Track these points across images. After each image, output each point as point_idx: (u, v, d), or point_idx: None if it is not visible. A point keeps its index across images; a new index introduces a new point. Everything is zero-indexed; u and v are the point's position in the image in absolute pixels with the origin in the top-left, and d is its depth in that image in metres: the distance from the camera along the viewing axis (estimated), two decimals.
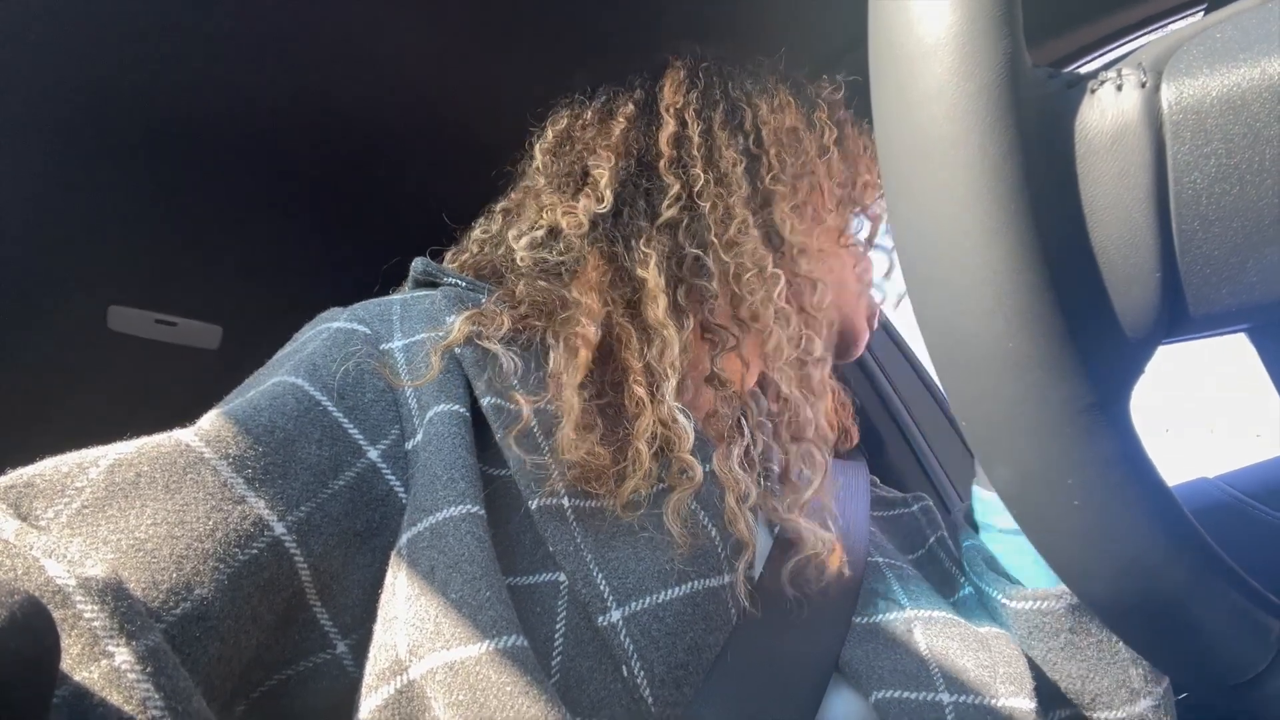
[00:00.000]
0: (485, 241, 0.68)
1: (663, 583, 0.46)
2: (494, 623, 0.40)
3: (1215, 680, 0.29)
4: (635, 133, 0.66)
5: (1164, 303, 0.25)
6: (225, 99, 0.90)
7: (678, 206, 0.62)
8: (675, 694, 0.43)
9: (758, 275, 0.59)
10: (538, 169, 0.69)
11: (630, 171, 0.64)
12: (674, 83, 0.67)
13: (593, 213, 0.62)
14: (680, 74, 0.68)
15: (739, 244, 0.60)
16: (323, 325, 0.54)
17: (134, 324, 1.32)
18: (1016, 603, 0.56)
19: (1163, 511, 0.26)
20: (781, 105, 0.67)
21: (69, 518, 0.37)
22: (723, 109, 0.66)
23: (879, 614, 0.55)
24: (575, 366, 0.52)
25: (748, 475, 0.54)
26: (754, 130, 0.65)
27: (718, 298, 0.59)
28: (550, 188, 0.66)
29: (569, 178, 0.66)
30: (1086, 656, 0.53)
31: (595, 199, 0.63)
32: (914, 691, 0.49)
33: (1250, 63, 0.23)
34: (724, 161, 0.63)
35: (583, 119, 0.69)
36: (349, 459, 0.46)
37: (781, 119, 0.66)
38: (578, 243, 0.61)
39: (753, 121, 0.65)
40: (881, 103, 0.26)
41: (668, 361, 0.55)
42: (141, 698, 0.30)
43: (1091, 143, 0.25)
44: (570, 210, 0.63)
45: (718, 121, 0.65)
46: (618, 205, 0.63)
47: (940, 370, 0.27)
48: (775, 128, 0.66)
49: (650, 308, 0.57)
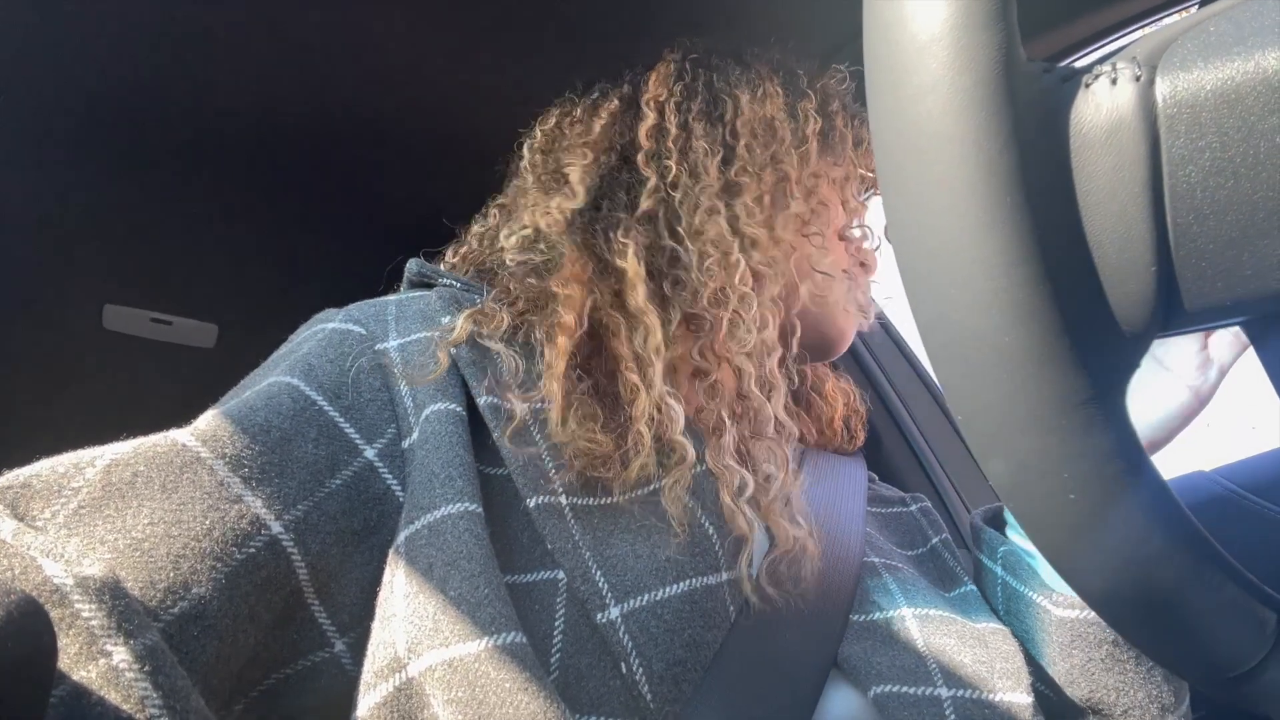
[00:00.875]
0: (483, 236, 0.69)
1: (661, 580, 0.46)
2: (492, 620, 0.40)
3: (1212, 672, 0.29)
4: (619, 127, 0.67)
5: (1159, 296, 0.25)
6: (222, 98, 0.90)
7: (655, 198, 0.62)
8: (674, 691, 0.43)
9: (719, 263, 0.60)
10: (527, 168, 0.70)
11: (611, 165, 0.65)
12: (660, 76, 0.68)
13: (568, 210, 0.63)
14: (669, 67, 0.68)
15: (704, 233, 0.61)
16: (318, 326, 0.54)
17: (129, 323, 1.32)
18: (1061, 610, 0.56)
19: (1159, 505, 0.26)
20: (765, 95, 0.67)
21: (66, 518, 0.37)
22: (703, 100, 0.66)
23: (876, 611, 0.55)
24: (556, 354, 0.52)
25: (741, 468, 0.54)
26: (731, 121, 0.65)
27: (694, 287, 0.60)
28: (536, 187, 0.67)
29: (552, 177, 0.67)
30: (1125, 670, 0.54)
31: (569, 195, 0.64)
32: (912, 686, 0.49)
33: (1244, 56, 0.23)
34: (695, 153, 0.63)
35: (571, 116, 0.70)
36: (345, 458, 0.46)
37: (760, 110, 0.66)
38: (558, 240, 0.62)
39: (732, 112, 0.65)
40: (876, 97, 0.26)
41: (652, 347, 0.55)
42: (139, 696, 0.30)
43: (1086, 137, 0.25)
44: (548, 211, 0.64)
45: (695, 113, 0.65)
46: (596, 199, 0.63)
47: (936, 365, 0.27)
48: (750, 118, 0.65)
49: (631, 296, 0.58)
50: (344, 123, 0.97)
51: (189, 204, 1.10)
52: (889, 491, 0.77)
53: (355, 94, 0.91)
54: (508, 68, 0.87)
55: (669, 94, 0.66)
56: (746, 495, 0.52)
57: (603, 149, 0.66)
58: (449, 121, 0.97)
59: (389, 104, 0.94)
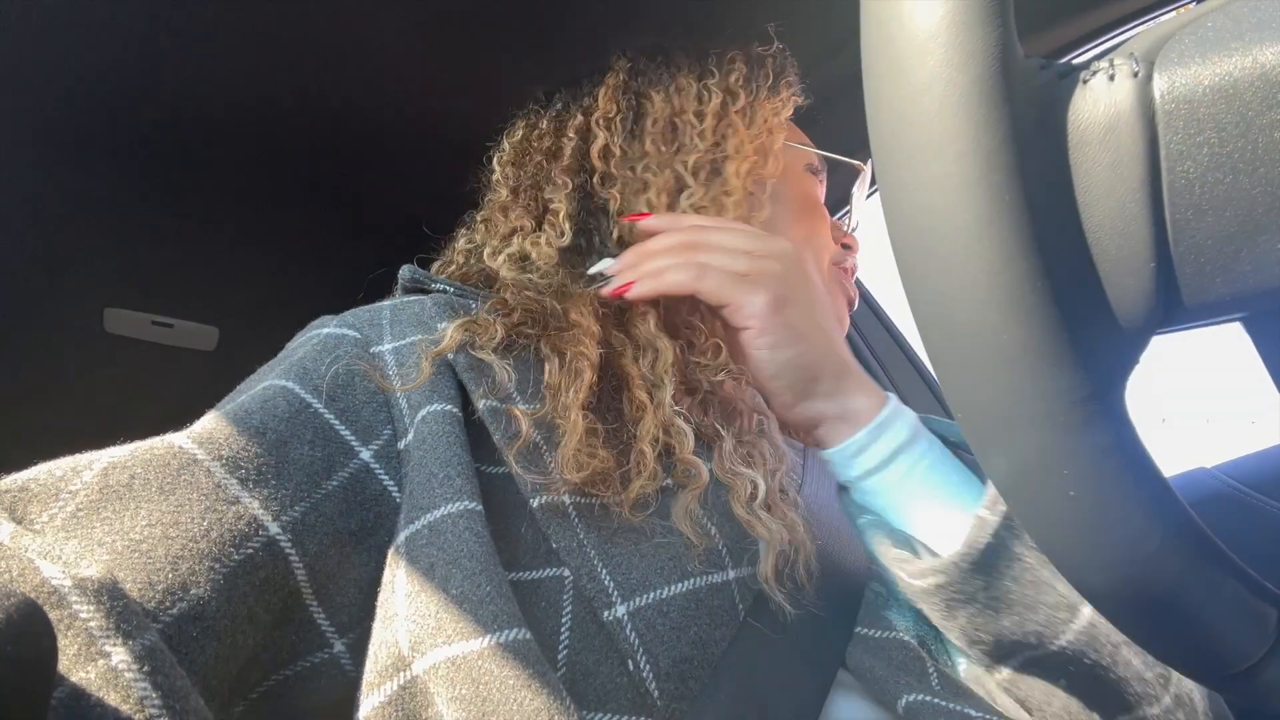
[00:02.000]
0: (470, 252, 0.70)
1: (666, 578, 0.46)
2: (495, 617, 0.40)
3: (1213, 669, 0.29)
4: (584, 147, 0.68)
5: (1158, 292, 0.25)
6: (223, 101, 0.90)
7: (620, 224, 0.64)
8: (680, 688, 0.43)
9: None
10: (500, 181, 0.71)
11: (586, 190, 0.67)
12: (608, 90, 0.68)
13: (557, 245, 0.64)
14: (617, 76, 0.69)
15: None
16: (313, 332, 0.54)
17: (130, 326, 1.32)
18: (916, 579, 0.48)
19: (1159, 502, 0.26)
20: (677, 89, 0.67)
21: (63, 520, 0.37)
22: (633, 111, 0.67)
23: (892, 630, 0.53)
24: (579, 387, 0.52)
25: (749, 470, 0.54)
26: (644, 128, 0.66)
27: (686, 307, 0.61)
28: (516, 204, 0.68)
29: (533, 202, 0.68)
30: (1014, 600, 0.45)
31: (556, 233, 0.65)
32: (944, 700, 0.48)
33: (1242, 51, 0.23)
34: (632, 166, 0.65)
35: (539, 129, 0.71)
36: (341, 459, 0.46)
37: (668, 108, 0.67)
38: (552, 271, 0.63)
39: (646, 117, 0.67)
40: (874, 94, 0.26)
41: (661, 370, 0.56)
42: (139, 697, 0.30)
43: (1084, 133, 0.25)
44: (536, 243, 0.65)
45: (628, 126, 0.66)
46: (581, 229, 0.65)
47: (935, 362, 0.27)
48: (657, 118, 0.66)
49: (641, 325, 0.59)
50: (347, 126, 0.97)
51: (191, 208, 1.10)
52: None
53: (359, 98, 0.91)
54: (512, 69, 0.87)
55: (616, 109, 0.67)
56: (759, 500, 0.52)
57: (574, 171, 0.67)
58: (454, 125, 0.97)
59: (392, 108, 0.94)
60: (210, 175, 1.04)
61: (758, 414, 0.60)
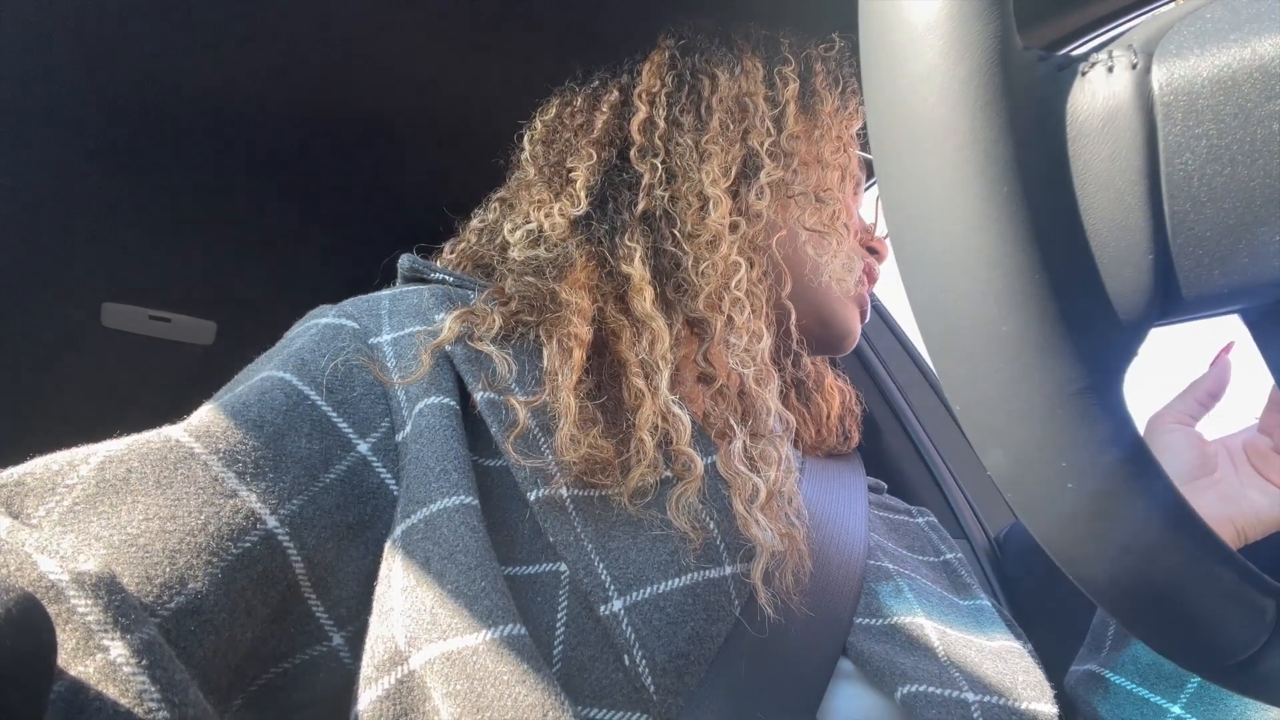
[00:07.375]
0: (482, 231, 0.68)
1: (663, 573, 0.46)
2: (490, 612, 0.40)
3: (1211, 660, 0.29)
4: (617, 121, 0.66)
5: (1156, 284, 0.25)
6: (220, 95, 0.90)
7: (651, 197, 0.62)
8: (677, 683, 0.43)
9: (713, 267, 0.58)
10: (528, 160, 0.69)
11: (612, 164, 0.64)
12: (653, 66, 0.67)
13: (570, 215, 0.62)
14: (663, 55, 0.67)
15: (699, 235, 0.60)
16: (311, 321, 0.54)
17: (128, 320, 1.31)
18: None
19: (1157, 493, 0.26)
20: (743, 72, 0.66)
21: (60, 515, 0.37)
22: (688, 86, 0.65)
23: (893, 615, 0.54)
24: (570, 367, 0.52)
25: (754, 474, 0.53)
26: (707, 104, 0.64)
27: (694, 290, 0.59)
28: (540, 180, 0.66)
29: (555, 174, 0.66)
30: None
31: (572, 201, 0.63)
32: (939, 688, 0.48)
33: (1240, 43, 0.23)
34: (682, 146, 0.63)
35: (572, 106, 0.69)
36: (339, 452, 0.46)
37: (734, 87, 0.65)
38: (561, 243, 0.61)
39: (709, 93, 0.64)
40: (872, 86, 0.26)
41: (659, 354, 0.55)
42: (138, 690, 0.30)
43: (1083, 125, 0.25)
44: (549, 214, 0.63)
45: (682, 104, 0.64)
46: (600, 201, 0.62)
47: (933, 354, 0.27)
48: (724, 95, 0.64)
49: (637, 301, 0.57)
50: (343, 119, 0.96)
51: (187, 201, 1.10)
52: (894, 502, 0.77)
53: (354, 90, 0.91)
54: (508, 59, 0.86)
55: (661, 85, 0.65)
56: (759, 502, 0.52)
57: (604, 145, 0.65)
58: (449, 117, 0.97)
59: (388, 100, 0.93)
60: (207, 169, 1.04)
61: (777, 416, 0.59)
